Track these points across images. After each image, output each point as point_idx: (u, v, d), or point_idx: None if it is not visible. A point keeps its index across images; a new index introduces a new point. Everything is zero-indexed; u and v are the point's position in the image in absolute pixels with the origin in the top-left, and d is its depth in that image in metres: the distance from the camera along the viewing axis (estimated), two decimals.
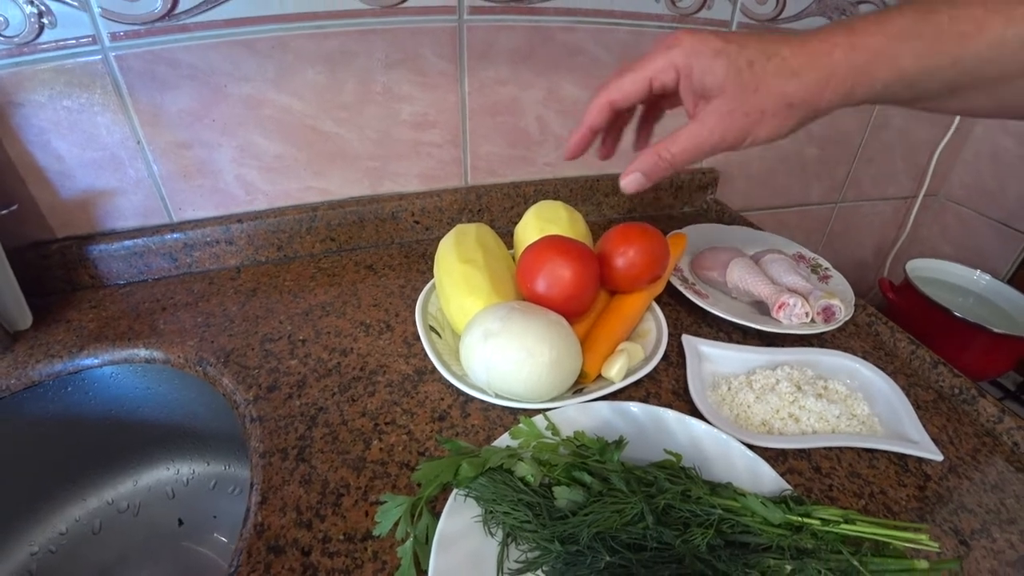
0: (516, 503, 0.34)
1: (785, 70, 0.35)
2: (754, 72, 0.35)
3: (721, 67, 0.35)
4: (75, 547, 0.62)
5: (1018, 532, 0.43)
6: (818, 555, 0.34)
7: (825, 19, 0.82)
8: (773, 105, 0.35)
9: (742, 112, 0.36)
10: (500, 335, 0.41)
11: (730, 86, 0.35)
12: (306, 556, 0.37)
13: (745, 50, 0.35)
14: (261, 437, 0.45)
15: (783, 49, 0.35)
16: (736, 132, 0.37)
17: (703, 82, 0.36)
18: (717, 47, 0.35)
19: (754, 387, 0.48)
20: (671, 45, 0.37)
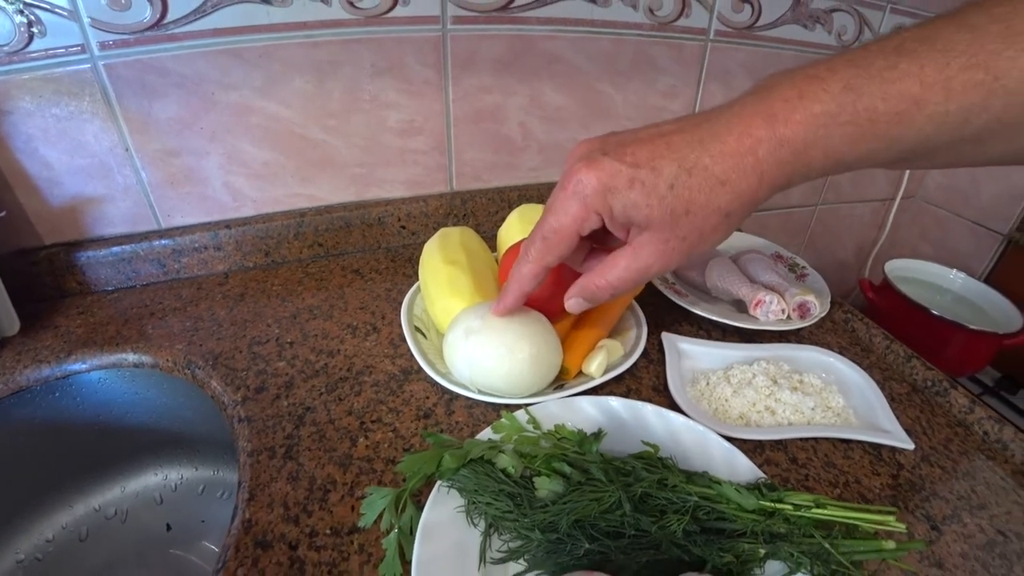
0: (498, 494, 0.35)
1: (712, 182, 0.32)
2: (678, 195, 0.32)
3: (641, 199, 0.32)
4: (62, 554, 0.62)
5: (988, 517, 0.45)
6: (791, 539, 0.35)
7: (800, 27, 0.85)
8: (709, 222, 0.33)
9: (679, 238, 0.34)
10: (481, 332, 0.42)
11: (657, 217, 0.33)
12: (293, 550, 0.38)
13: (661, 174, 0.32)
14: (249, 437, 0.46)
15: (703, 159, 0.32)
16: (677, 256, 0.35)
17: (627, 216, 0.34)
18: (629, 177, 0.32)
19: (731, 382, 0.49)
20: (579, 190, 0.34)
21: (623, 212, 0.33)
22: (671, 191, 0.32)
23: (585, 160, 0.34)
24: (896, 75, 0.28)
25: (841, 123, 0.29)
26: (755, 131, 0.31)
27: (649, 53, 0.76)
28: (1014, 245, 1.12)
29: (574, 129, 0.78)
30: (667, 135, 0.33)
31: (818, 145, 0.30)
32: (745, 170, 0.31)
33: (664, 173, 0.32)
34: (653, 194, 0.32)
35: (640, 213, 0.33)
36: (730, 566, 0.34)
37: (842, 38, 0.90)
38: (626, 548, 0.34)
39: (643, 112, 0.81)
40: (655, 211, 0.32)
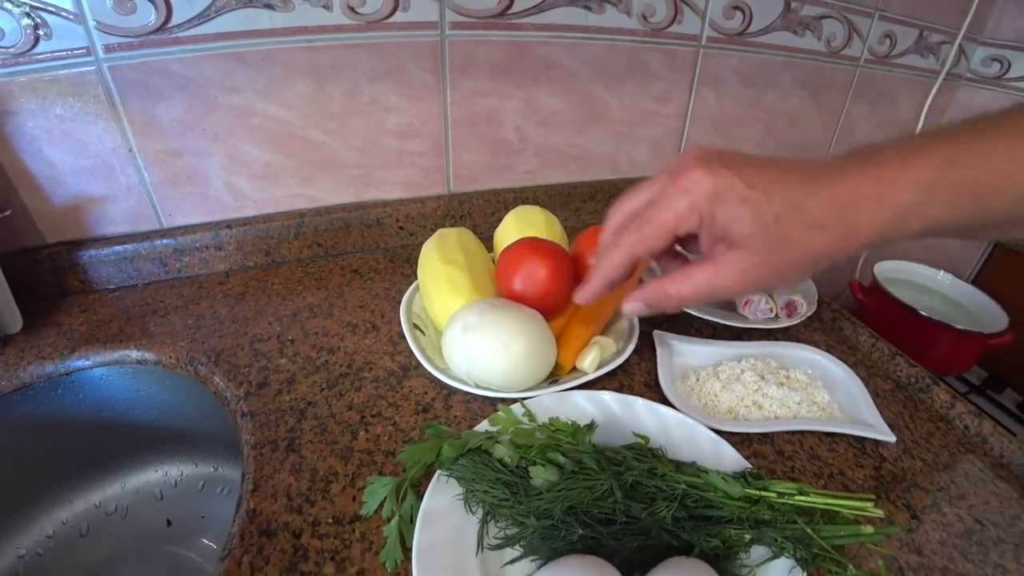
0: (494, 482, 0.37)
1: (812, 224, 0.33)
2: (781, 227, 0.33)
3: (748, 218, 0.33)
4: (62, 549, 0.62)
5: (966, 507, 0.46)
6: (775, 525, 0.36)
7: (790, 33, 0.87)
8: (798, 259, 0.34)
9: (767, 266, 0.34)
10: (478, 329, 0.44)
11: (757, 241, 0.34)
12: (297, 538, 0.39)
13: (772, 202, 0.33)
14: (252, 430, 0.47)
15: (810, 200, 0.33)
16: (755, 284, 0.35)
17: (727, 229, 0.34)
18: (743, 194, 0.33)
19: (720, 377, 0.51)
20: (689, 186, 0.34)
21: (725, 224, 0.34)
22: (776, 221, 0.33)
23: (704, 164, 0.35)
24: (992, 152, 0.31)
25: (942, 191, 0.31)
26: (863, 188, 0.33)
27: (643, 59, 0.78)
28: (1000, 247, 1.14)
29: (569, 133, 0.80)
30: (782, 169, 0.35)
31: (917, 209, 0.32)
32: (845, 222, 0.33)
33: (775, 201, 0.33)
34: (759, 219, 0.33)
35: (741, 230, 0.34)
36: (716, 550, 0.35)
37: (831, 44, 0.92)
38: (617, 534, 0.36)
39: (637, 116, 0.83)
40: (756, 234, 0.34)
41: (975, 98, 1.14)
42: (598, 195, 0.86)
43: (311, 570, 0.37)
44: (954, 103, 1.16)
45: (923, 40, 1.02)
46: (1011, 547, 0.44)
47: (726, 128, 0.92)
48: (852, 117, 1.05)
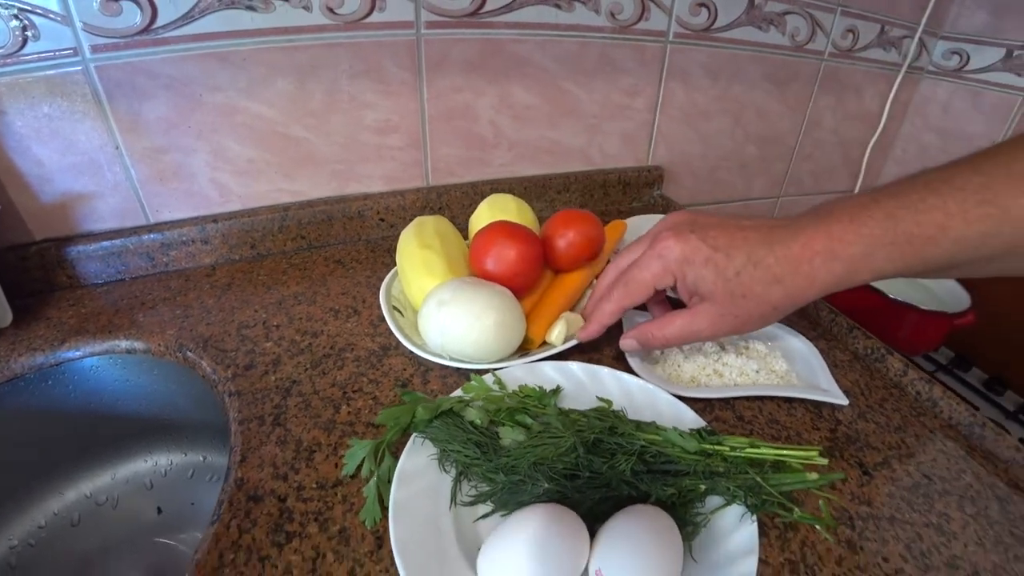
0: (466, 442, 0.39)
1: (769, 278, 0.39)
2: (741, 281, 0.40)
3: (711, 276, 0.41)
4: (54, 539, 0.63)
5: (915, 463, 0.50)
6: (728, 475, 0.39)
7: (755, 28, 0.91)
8: (759, 309, 0.41)
9: (732, 315, 0.42)
10: (451, 303, 0.46)
11: (720, 294, 0.41)
12: (282, 502, 0.41)
13: (733, 260, 0.40)
14: (239, 408, 0.49)
15: (767, 258, 0.39)
16: (725, 330, 0.43)
17: (696, 286, 0.42)
18: (707, 256, 0.41)
19: (683, 349, 0.54)
20: (662, 252, 0.43)
21: (693, 282, 0.42)
22: (736, 277, 0.40)
23: (675, 232, 0.43)
24: (926, 207, 0.35)
25: (884, 244, 0.36)
26: (816, 244, 0.38)
27: (612, 54, 0.81)
28: None
29: (542, 127, 0.83)
30: (744, 230, 0.41)
31: (864, 260, 0.37)
32: (800, 275, 0.39)
33: (735, 261, 0.40)
34: (721, 276, 0.40)
35: (707, 287, 0.41)
36: (672, 498, 0.38)
37: (796, 39, 0.96)
38: (581, 487, 0.38)
39: (608, 110, 0.86)
40: (719, 289, 0.41)
41: (937, 90, 1.19)
42: (572, 186, 0.89)
43: (296, 530, 0.39)
44: (917, 95, 1.21)
45: (885, 34, 1.06)
46: (955, 498, 0.47)
47: (695, 120, 0.96)
48: (819, 109, 1.09)
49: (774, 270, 0.39)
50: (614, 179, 0.92)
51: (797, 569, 0.39)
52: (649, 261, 0.44)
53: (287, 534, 0.39)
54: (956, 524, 0.44)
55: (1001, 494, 0.48)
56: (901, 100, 1.19)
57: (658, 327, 0.46)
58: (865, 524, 0.43)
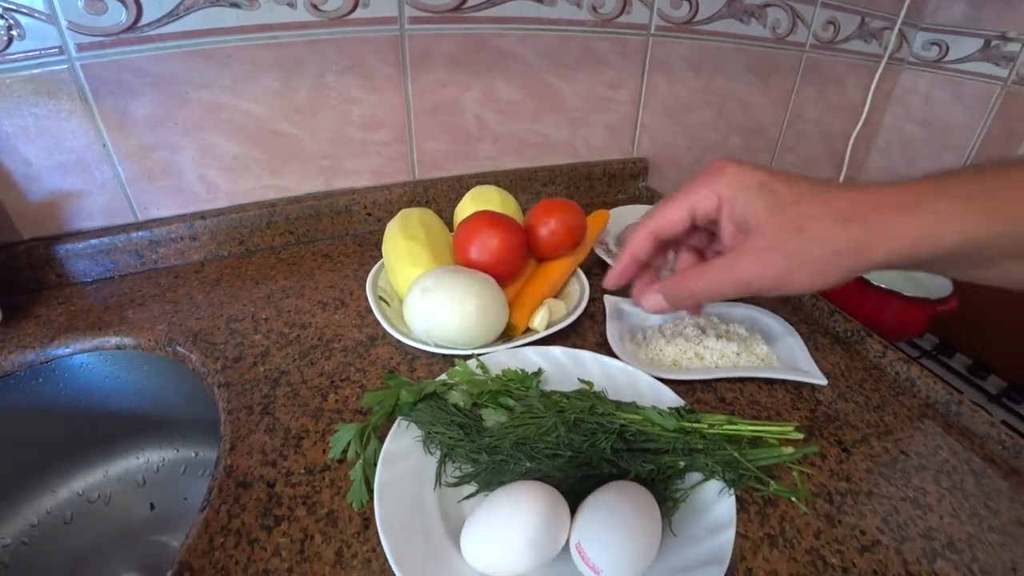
0: (450, 424, 0.40)
1: (834, 214, 0.31)
2: (800, 211, 0.32)
3: (763, 200, 0.32)
4: (47, 537, 0.64)
5: (893, 440, 0.51)
6: (706, 452, 0.40)
7: (736, 21, 0.92)
8: (818, 250, 0.32)
9: (782, 252, 0.32)
10: (434, 291, 0.47)
11: (771, 222, 0.32)
12: (271, 487, 0.42)
13: (793, 187, 0.33)
14: (229, 398, 0.50)
15: (834, 194, 0.32)
16: (771, 274, 0.33)
17: (744, 214, 0.33)
18: (762, 179, 0.33)
19: (665, 333, 0.55)
20: (714, 173, 0.35)
21: (742, 207, 0.33)
22: (795, 205, 0.32)
23: (732, 160, 0.35)
24: None
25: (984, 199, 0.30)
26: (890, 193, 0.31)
27: (594, 48, 0.82)
28: None
29: (526, 120, 0.84)
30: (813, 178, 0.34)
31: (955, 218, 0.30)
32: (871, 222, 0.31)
33: (796, 189, 0.33)
34: (776, 202, 0.32)
35: (756, 212, 0.33)
36: (652, 475, 0.39)
37: (777, 31, 0.97)
38: (562, 466, 0.39)
39: (592, 103, 0.87)
40: (772, 216, 0.32)
41: (918, 81, 1.20)
42: (558, 179, 0.90)
43: (284, 514, 0.40)
44: (898, 86, 1.22)
45: (865, 26, 1.08)
46: (932, 472, 0.48)
47: (679, 113, 0.97)
48: (801, 100, 1.10)
49: (841, 206, 0.32)
50: (599, 171, 0.93)
51: (776, 543, 0.40)
52: (693, 182, 0.36)
53: (276, 518, 0.40)
54: (932, 497, 0.46)
55: (976, 468, 0.49)
56: (883, 91, 1.20)
57: (691, 275, 0.36)
58: (843, 499, 0.44)
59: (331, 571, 0.36)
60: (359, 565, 0.37)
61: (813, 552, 0.40)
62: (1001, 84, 1.07)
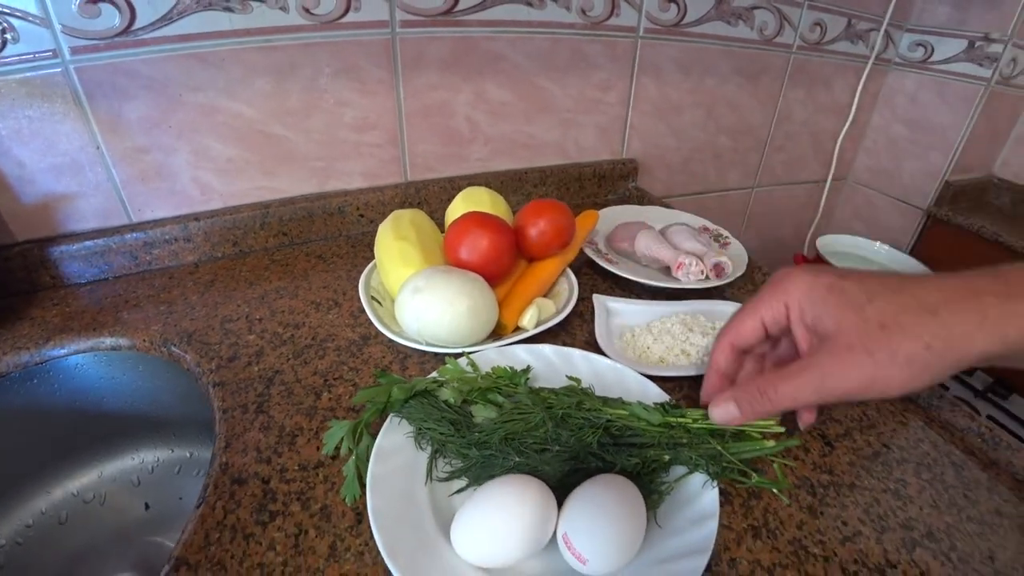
0: (440, 420, 0.41)
1: (918, 306, 0.29)
2: (877, 308, 0.30)
3: (835, 302, 0.31)
4: (42, 538, 0.64)
5: (875, 434, 0.52)
6: (690, 446, 0.41)
7: (724, 23, 0.93)
8: (907, 347, 0.29)
9: (865, 352, 0.30)
10: (425, 290, 0.48)
11: (848, 323, 0.31)
12: (266, 484, 0.43)
13: (864, 286, 0.31)
14: (223, 397, 0.51)
15: (915, 286, 0.30)
16: (857, 377, 0.30)
17: (816, 318, 0.32)
18: (830, 281, 0.32)
19: (652, 332, 0.56)
20: (781, 280, 0.35)
21: (813, 312, 0.32)
22: (870, 302, 0.30)
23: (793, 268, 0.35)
24: None
25: None
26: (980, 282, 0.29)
27: (584, 50, 0.84)
28: (933, 218, 1.22)
29: (518, 122, 0.85)
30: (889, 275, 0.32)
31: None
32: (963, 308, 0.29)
33: (867, 285, 0.31)
34: (849, 302, 0.31)
35: (830, 315, 0.31)
36: (637, 468, 0.40)
37: (764, 33, 0.99)
38: (550, 460, 0.40)
39: (582, 104, 0.88)
40: (847, 316, 0.31)
41: (904, 81, 1.22)
42: (548, 180, 0.91)
43: (279, 509, 0.41)
44: (885, 86, 1.24)
45: (852, 27, 1.10)
46: (912, 465, 0.49)
47: (668, 114, 0.98)
48: (789, 101, 1.11)
49: (925, 299, 0.29)
50: (589, 172, 0.94)
51: (759, 534, 0.41)
52: (761, 291, 0.36)
53: (270, 513, 0.40)
54: (913, 489, 0.47)
55: (956, 460, 0.50)
56: (870, 92, 1.22)
57: (768, 382, 0.34)
58: (826, 491, 0.46)
59: (325, 564, 0.37)
60: (352, 558, 0.38)
61: (795, 543, 0.41)
62: (985, 84, 1.09)
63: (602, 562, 0.34)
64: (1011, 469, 0.50)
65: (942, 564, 0.41)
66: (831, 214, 1.38)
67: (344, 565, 0.37)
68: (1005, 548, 0.43)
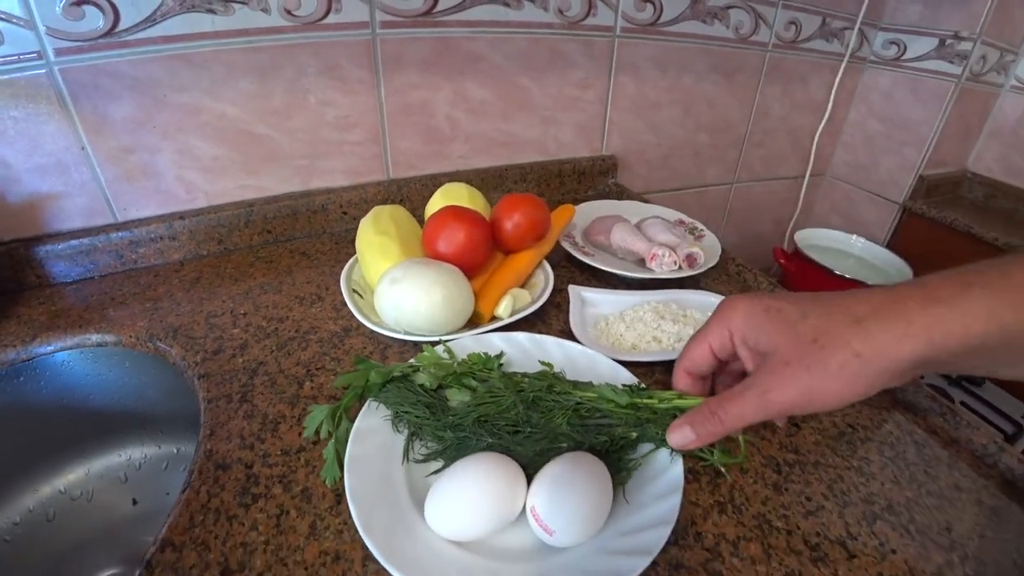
0: (416, 404, 0.43)
1: (848, 318, 0.31)
2: (810, 324, 0.32)
3: (772, 323, 0.34)
4: (30, 535, 0.64)
5: (841, 416, 0.54)
6: (656, 423, 0.43)
7: (700, 22, 0.95)
8: (839, 357, 0.31)
9: (801, 366, 0.32)
10: (403, 281, 0.50)
11: (783, 340, 0.33)
12: (249, 468, 0.44)
13: (798, 305, 0.33)
14: (208, 388, 0.52)
15: (845, 300, 0.32)
16: (794, 391, 0.32)
17: (756, 341, 0.35)
18: (767, 304, 0.35)
19: (625, 320, 0.58)
20: (725, 307, 0.38)
21: (754, 335, 0.35)
22: (803, 319, 0.33)
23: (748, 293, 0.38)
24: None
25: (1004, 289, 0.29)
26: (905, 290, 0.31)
27: (562, 49, 0.86)
28: (908, 212, 1.25)
29: (497, 120, 0.87)
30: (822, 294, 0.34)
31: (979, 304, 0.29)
32: (890, 317, 0.30)
33: (802, 305, 0.33)
34: (784, 321, 0.33)
35: (767, 335, 0.34)
36: (605, 446, 0.41)
37: (740, 31, 1.01)
38: (522, 441, 0.42)
39: (561, 102, 0.90)
40: (783, 337, 0.33)
41: (879, 79, 1.25)
42: (529, 176, 0.93)
43: (262, 492, 0.42)
44: (861, 83, 1.27)
45: (827, 26, 1.12)
46: (876, 444, 0.51)
47: (646, 111, 1.00)
48: (766, 98, 1.14)
49: (854, 309, 0.31)
50: (569, 168, 0.96)
51: (725, 509, 0.43)
52: (709, 321, 0.39)
53: (253, 496, 0.42)
54: (875, 466, 0.49)
55: (919, 439, 0.52)
56: (846, 88, 1.25)
57: (717, 404, 0.36)
58: (791, 469, 0.47)
59: (305, 542, 0.39)
60: (331, 536, 0.39)
61: (760, 517, 0.43)
62: (956, 81, 1.12)
63: (568, 533, 0.35)
64: (971, 446, 0.52)
65: (901, 535, 0.43)
66: (810, 209, 1.41)
67: (324, 543, 0.39)
68: (962, 520, 0.45)
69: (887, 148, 1.26)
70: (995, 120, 1.26)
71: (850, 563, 0.40)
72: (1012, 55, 1.19)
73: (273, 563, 0.37)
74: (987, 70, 1.16)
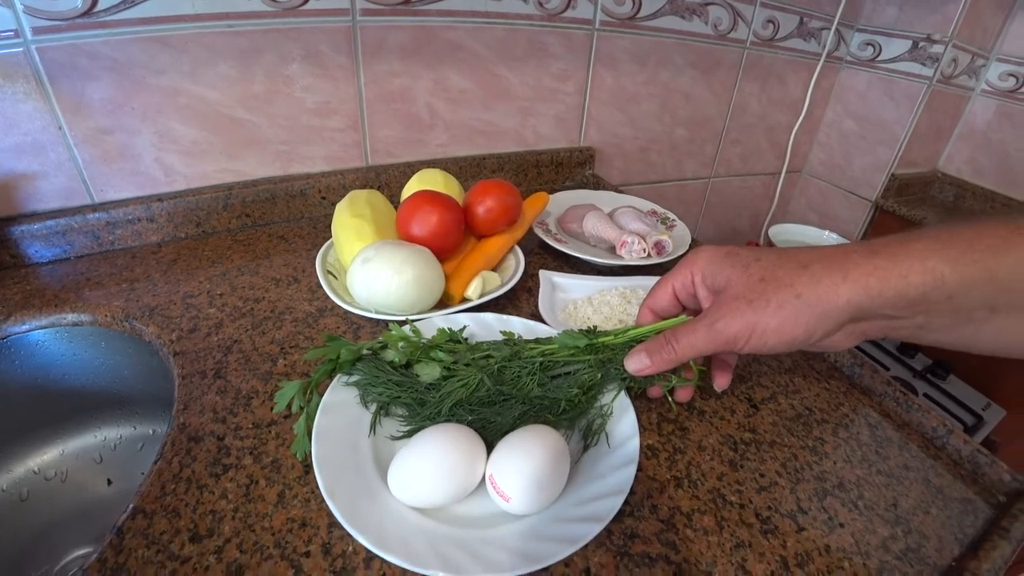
0: (387, 383, 0.44)
1: (795, 264, 0.35)
2: (761, 265, 0.36)
3: (729, 265, 0.38)
4: (2, 515, 0.64)
5: (799, 399, 0.56)
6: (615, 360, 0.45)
7: (679, 18, 0.97)
8: (780, 296, 0.34)
9: (745, 300, 0.36)
10: (374, 260, 0.51)
11: (735, 278, 0.37)
12: (220, 441, 0.45)
13: (756, 252, 0.38)
14: (183, 365, 0.53)
15: (799, 251, 0.36)
16: (738, 323, 0.36)
17: (714, 280, 0.39)
18: (728, 250, 0.39)
19: (593, 303, 0.59)
20: (691, 254, 0.42)
21: (712, 276, 0.40)
22: (756, 261, 0.37)
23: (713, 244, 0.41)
24: None
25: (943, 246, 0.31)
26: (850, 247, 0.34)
27: (541, 41, 0.87)
28: (880, 210, 1.28)
29: (476, 109, 0.88)
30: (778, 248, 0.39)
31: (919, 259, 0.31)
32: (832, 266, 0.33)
33: (758, 252, 0.38)
34: (739, 263, 0.38)
35: (723, 275, 0.38)
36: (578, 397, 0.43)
37: (718, 28, 1.03)
38: (500, 411, 0.43)
39: (540, 93, 0.92)
40: (736, 273, 0.37)
41: (855, 79, 1.28)
42: (506, 166, 0.94)
43: (232, 463, 0.43)
44: (837, 83, 1.30)
45: (804, 26, 1.14)
46: (831, 426, 0.53)
47: (625, 104, 1.02)
48: (744, 94, 1.16)
49: (802, 257, 0.35)
50: (547, 159, 0.97)
51: (682, 484, 0.45)
52: (676, 266, 0.43)
53: (224, 466, 0.43)
54: (829, 446, 0.51)
55: (873, 421, 0.55)
56: (823, 88, 1.27)
57: (671, 332, 0.40)
58: (747, 448, 0.49)
59: (273, 510, 0.40)
60: (299, 504, 0.40)
61: (715, 492, 0.45)
62: (927, 83, 1.15)
63: (525, 501, 0.37)
64: (921, 429, 0.54)
65: (849, 511, 0.45)
66: (786, 205, 1.44)
67: (291, 511, 0.40)
68: (908, 497, 0.47)
69: (861, 147, 1.29)
70: (965, 123, 1.29)
71: (799, 535, 0.42)
72: (983, 59, 1.22)
73: (241, 529, 0.38)
74: (958, 73, 1.19)
